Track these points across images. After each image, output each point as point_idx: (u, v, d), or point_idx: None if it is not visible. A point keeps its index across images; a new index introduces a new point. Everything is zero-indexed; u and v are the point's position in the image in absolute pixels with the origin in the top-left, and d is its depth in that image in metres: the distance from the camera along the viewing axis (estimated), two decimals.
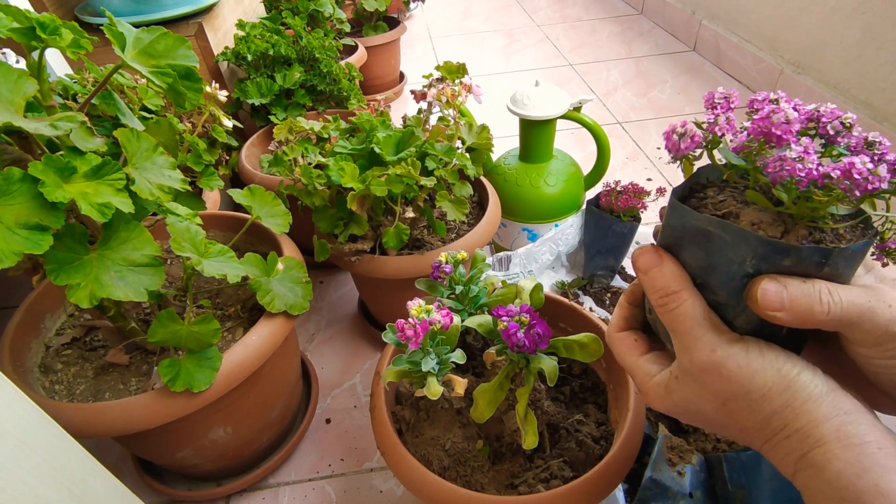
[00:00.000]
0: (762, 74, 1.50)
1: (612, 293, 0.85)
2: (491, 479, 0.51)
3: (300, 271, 0.64)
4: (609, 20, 2.10)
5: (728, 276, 0.30)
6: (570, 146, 1.37)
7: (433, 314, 0.43)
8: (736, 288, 0.30)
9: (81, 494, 0.42)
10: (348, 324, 0.96)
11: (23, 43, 0.43)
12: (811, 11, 1.32)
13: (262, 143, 1.06)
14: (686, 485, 0.51)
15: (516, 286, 0.52)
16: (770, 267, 0.28)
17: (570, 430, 0.54)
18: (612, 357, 0.55)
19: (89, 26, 1.00)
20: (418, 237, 0.77)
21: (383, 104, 0.90)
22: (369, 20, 1.63)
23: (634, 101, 1.55)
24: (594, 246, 0.83)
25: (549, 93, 0.84)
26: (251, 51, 1.06)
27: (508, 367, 0.48)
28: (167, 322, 0.52)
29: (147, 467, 0.73)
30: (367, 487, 0.72)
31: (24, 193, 0.39)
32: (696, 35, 1.78)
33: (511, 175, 0.91)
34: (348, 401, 0.83)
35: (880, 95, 1.16)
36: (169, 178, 0.50)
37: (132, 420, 0.52)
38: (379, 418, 0.52)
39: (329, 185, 0.70)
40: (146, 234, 0.48)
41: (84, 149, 0.44)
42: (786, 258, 0.28)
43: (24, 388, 0.42)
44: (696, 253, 0.31)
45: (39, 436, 0.39)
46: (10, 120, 0.39)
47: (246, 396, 0.61)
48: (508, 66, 1.83)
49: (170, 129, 0.58)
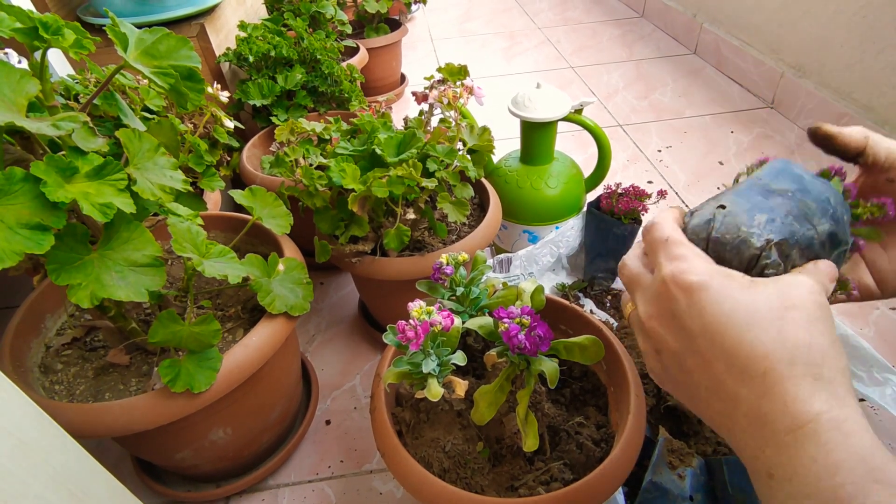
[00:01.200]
0: (763, 77, 1.50)
1: (612, 295, 0.85)
2: (491, 482, 0.51)
3: (301, 272, 0.64)
4: (610, 23, 2.11)
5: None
6: (571, 148, 1.37)
7: (434, 315, 0.43)
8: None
9: (81, 495, 0.42)
10: (349, 325, 0.96)
11: (25, 43, 0.43)
12: (812, 15, 1.32)
13: (263, 144, 1.06)
14: (686, 488, 0.51)
15: (517, 288, 0.52)
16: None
17: (571, 433, 0.54)
18: (612, 359, 0.55)
19: (92, 27, 1.00)
20: (419, 239, 0.77)
21: (384, 106, 0.90)
22: (371, 22, 1.63)
23: (635, 104, 1.55)
24: (595, 248, 0.83)
25: (550, 95, 0.84)
26: (253, 52, 1.06)
27: (509, 369, 0.48)
28: (168, 322, 0.52)
29: (146, 468, 0.73)
30: (367, 489, 0.71)
31: (26, 193, 0.39)
32: (697, 38, 1.78)
33: (512, 177, 0.91)
34: (348, 402, 0.83)
35: (881, 99, 1.16)
36: (170, 178, 0.50)
37: (132, 420, 0.52)
38: (379, 420, 0.52)
39: (330, 187, 0.70)
40: (147, 235, 0.48)
41: (86, 149, 0.44)
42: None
43: (25, 388, 0.42)
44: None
45: (39, 436, 0.39)
46: (12, 120, 0.39)
47: (246, 397, 0.61)
48: (510, 68, 1.83)
49: (171, 130, 0.58)
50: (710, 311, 0.29)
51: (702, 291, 0.29)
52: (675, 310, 0.30)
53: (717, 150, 1.32)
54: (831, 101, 1.28)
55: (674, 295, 0.30)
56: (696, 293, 0.29)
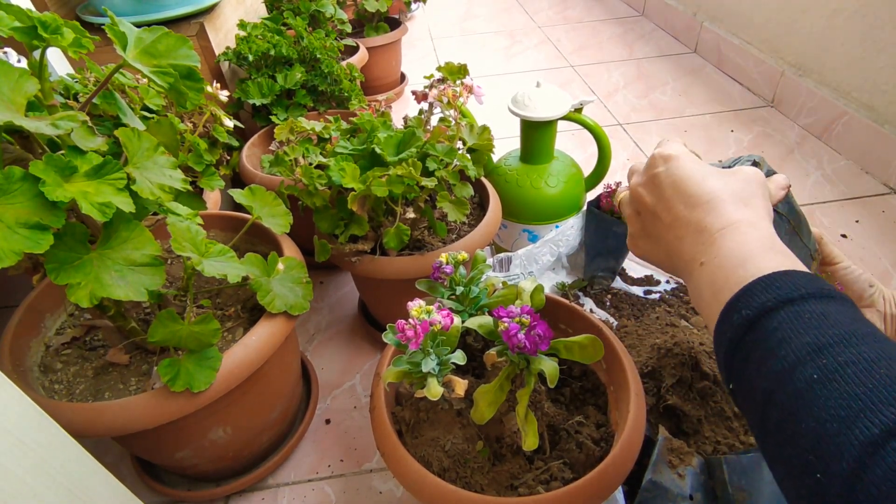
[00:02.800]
0: (763, 76, 1.50)
1: (612, 294, 0.85)
2: (491, 481, 0.51)
3: (300, 271, 0.64)
4: (610, 22, 2.10)
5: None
6: (571, 147, 1.37)
7: (434, 315, 0.43)
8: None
9: (80, 494, 0.42)
10: (348, 324, 0.96)
11: (24, 42, 0.43)
12: (812, 14, 1.32)
13: (262, 144, 1.06)
14: (686, 487, 0.51)
15: (517, 287, 0.52)
16: None
17: (571, 432, 0.54)
18: (612, 359, 0.55)
19: (91, 26, 1.00)
20: (419, 238, 0.77)
21: (384, 105, 0.90)
22: (370, 21, 1.63)
23: (635, 103, 1.55)
24: (595, 247, 0.83)
25: (550, 94, 0.84)
26: (252, 51, 1.06)
27: (509, 368, 0.48)
28: (167, 322, 0.52)
29: (146, 467, 0.73)
30: (367, 488, 0.71)
31: (25, 192, 0.39)
32: (698, 37, 1.78)
33: (512, 176, 0.90)
34: (348, 401, 0.83)
35: (881, 98, 1.16)
36: (170, 177, 0.50)
37: (132, 420, 0.52)
38: (379, 419, 0.52)
39: (330, 186, 0.70)
40: (147, 234, 0.48)
41: (85, 148, 0.44)
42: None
43: (24, 388, 0.42)
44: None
45: (39, 435, 0.39)
46: (11, 119, 0.39)
47: (246, 397, 0.61)
48: (509, 67, 1.83)
49: (171, 129, 0.58)
50: (678, 173, 0.40)
51: (677, 160, 0.40)
52: (656, 174, 0.41)
53: (717, 149, 1.32)
54: (831, 100, 1.28)
55: (656, 163, 0.41)
56: (672, 160, 0.40)
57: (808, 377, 0.26)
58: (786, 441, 0.26)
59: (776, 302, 0.29)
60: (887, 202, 1.12)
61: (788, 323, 0.28)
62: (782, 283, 0.30)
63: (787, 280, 0.30)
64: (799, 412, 0.26)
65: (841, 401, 0.24)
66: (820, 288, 0.30)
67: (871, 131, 1.18)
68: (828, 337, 0.27)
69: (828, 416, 0.24)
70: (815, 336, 0.27)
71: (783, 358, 0.27)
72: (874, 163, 1.19)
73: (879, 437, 0.22)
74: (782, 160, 1.27)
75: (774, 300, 0.30)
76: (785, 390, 0.27)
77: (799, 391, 0.26)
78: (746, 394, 0.30)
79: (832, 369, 0.25)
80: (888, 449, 0.22)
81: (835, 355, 0.26)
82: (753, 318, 0.30)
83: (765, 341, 0.29)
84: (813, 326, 0.28)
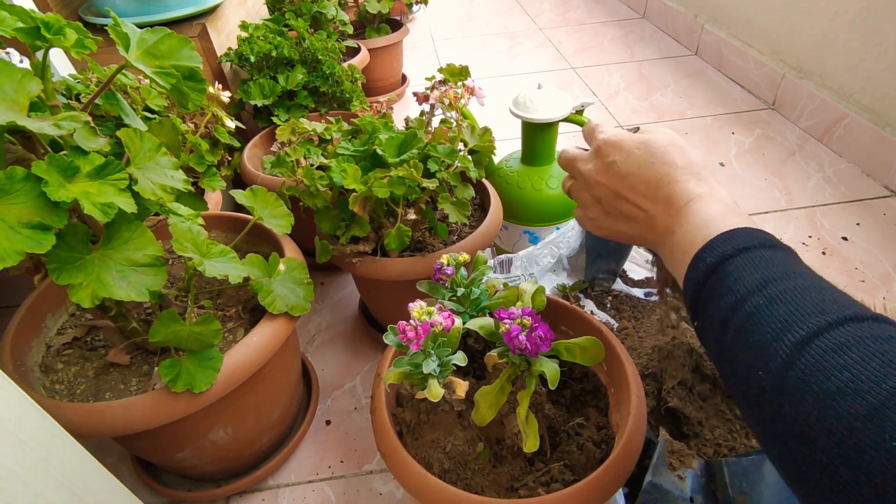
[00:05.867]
0: (764, 79, 1.50)
1: (613, 296, 0.85)
2: (491, 482, 0.51)
3: (301, 272, 0.64)
4: (611, 24, 2.11)
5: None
6: None
7: (434, 316, 0.43)
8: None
9: (81, 494, 0.42)
10: (349, 325, 0.96)
11: (27, 42, 0.44)
12: (813, 16, 1.32)
13: (264, 145, 1.06)
14: (687, 489, 0.50)
15: (518, 289, 0.52)
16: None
17: (571, 434, 0.54)
18: (613, 360, 0.55)
19: (93, 26, 1.00)
20: (420, 239, 0.77)
21: (385, 106, 0.90)
22: (372, 22, 1.63)
23: (636, 105, 1.55)
24: (595, 249, 0.83)
25: (551, 96, 0.84)
26: (254, 52, 1.06)
27: (510, 369, 0.48)
28: (168, 322, 0.52)
29: (146, 468, 0.73)
30: (367, 489, 0.71)
31: (27, 193, 0.40)
32: (699, 39, 1.78)
33: (513, 178, 0.91)
34: (349, 402, 0.83)
35: (883, 101, 1.16)
36: (171, 178, 0.50)
37: (132, 420, 0.52)
38: (379, 420, 0.52)
39: (331, 187, 0.70)
40: (148, 234, 0.48)
41: (87, 148, 0.44)
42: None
43: (25, 388, 0.42)
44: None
45: (39, 435, 0.39)
46: (13, 119, 0.39)
47: (246, 397, 0.61)
48: (511, 68, 1.83)
49: (173, 130, 0.58)
50: (633, 160, 0.45)
51: (626, 149, 0.46)
52: (612, 163, 0.46)
53: (718, 151, 1.32)
54: (832, 103, 1.28)
55: (608, 152, 0.46)
56: (623, 149, 0.46)
57: (756, 303, 0.32)
58: (736, 355, 0.33)
59: (733, 250, 0.36)
60: (888, 205, 1.12)
61: (742, 265, 0.35)
62: (739, 237, 0.37)
63: (743, 234, 0.37)
64: (748, 329, 0.32)
65: (779, 317, 0.31)
66: (769, 239, 0.36)
67: (873, 134, 1.18)
68: (772, 273, 0.33)
69: (769, 328, 0.31)
70: (762, 273, 0.34)
71: (737, 292, 0.34)
72: (875, 165, 1.19)
73: (805, 337, 0.29)
74: (783, 163, 1.27)
75: (732, 249, 0.36)
76: (738, 315, 0.33)
77: (748, 314, 0.32)
78: (709, 325, 0.36)
79: (774, 296, 0.32)
80: (812, 346, 0.28)
81: (777, 285, 0.32)
82: (715, 264, 0.36)
83: (723, 280, 0.35)
84: (761, 267, 0.34)
